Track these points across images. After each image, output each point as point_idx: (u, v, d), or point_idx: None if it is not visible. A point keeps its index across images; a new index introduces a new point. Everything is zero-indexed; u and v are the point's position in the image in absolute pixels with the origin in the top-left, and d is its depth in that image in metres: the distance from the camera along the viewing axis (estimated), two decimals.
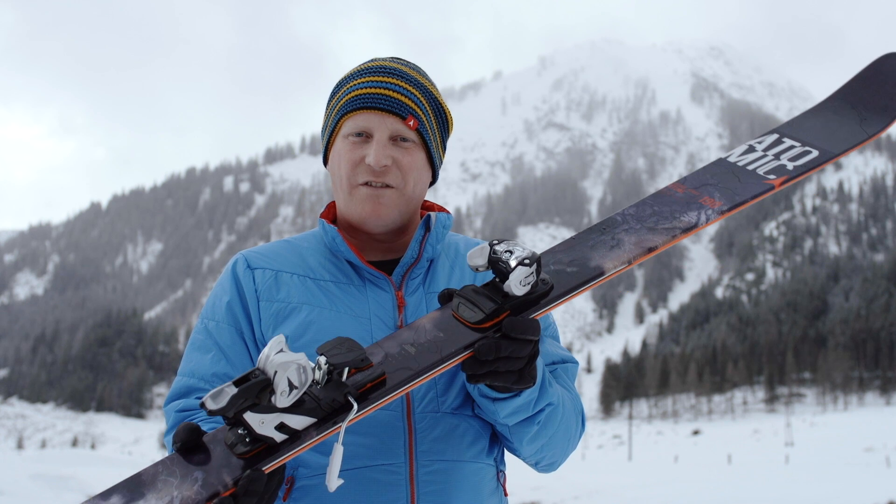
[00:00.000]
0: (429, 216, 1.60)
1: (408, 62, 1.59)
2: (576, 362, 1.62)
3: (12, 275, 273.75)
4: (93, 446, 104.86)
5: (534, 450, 1.49)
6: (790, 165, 1.52)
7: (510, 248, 1.25)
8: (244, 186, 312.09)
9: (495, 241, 1.27)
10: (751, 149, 1.59)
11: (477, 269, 1.27)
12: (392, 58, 1.60)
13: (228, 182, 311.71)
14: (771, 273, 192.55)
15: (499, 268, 1.25)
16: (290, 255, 1.57)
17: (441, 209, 1.67)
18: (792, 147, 1.57)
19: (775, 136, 1.61)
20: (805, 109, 1.68)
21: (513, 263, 1.22)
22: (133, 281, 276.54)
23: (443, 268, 1.60)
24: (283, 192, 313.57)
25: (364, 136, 1.51)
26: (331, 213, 1.64)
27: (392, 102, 1.50)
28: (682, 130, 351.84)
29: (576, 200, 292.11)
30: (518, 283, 1.23)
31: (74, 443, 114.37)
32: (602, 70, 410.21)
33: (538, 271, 1.25)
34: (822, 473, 24.01)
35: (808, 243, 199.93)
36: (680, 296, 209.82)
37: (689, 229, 1.41)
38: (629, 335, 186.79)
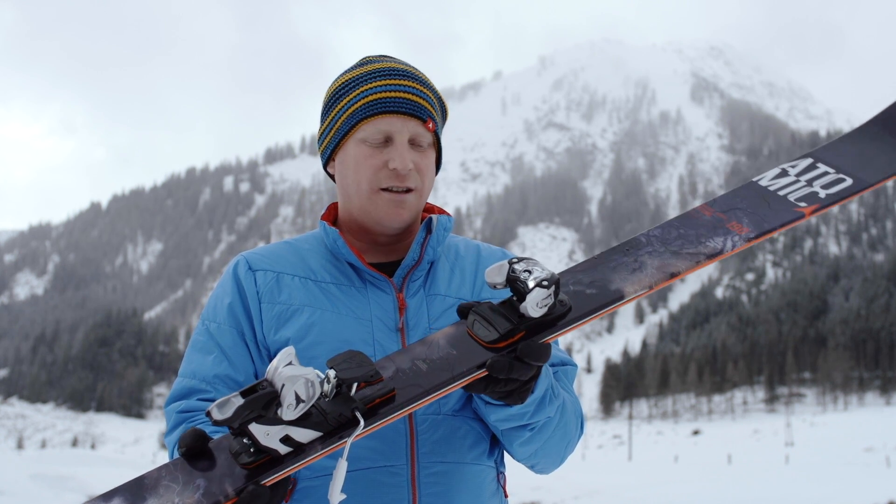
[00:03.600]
0: (430, 218, 1.62)
1: (407, 63, 1.60)
2: (575, 365, 1.61)
3: (12, 275, 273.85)
4: (93, 446, 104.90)
5: (527, 453, 1.49)
6: (822, 193, 1.48)
7: (529, 268, 1.22)
8: (244, 186, 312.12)
9: (515, 260, 1.25)
10: (783, 173, 1.55)
11: (494, 287, 1.25)
12: (387, 56, 1.60)
13: (228, 182, 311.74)
14: (771, 273, 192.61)
15: (517, 287, 1.22)
16: (292, 257, 1.57)
17: (441, 211, 1.68)
18: (826, 174, 1.52)
19: (809, 161, 1.57)
20: (843, 132, 1.64)
21: (531, 284, 1.20)
22: (133, 281, 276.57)
23: (443, 270, 1.60)
24: (283, 192, 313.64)
25: (384, 139, 1.51)
26: (331, 215, 1.64)
27: (414, 106, 1.51)
28: (682, 130, 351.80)
29: (576, 200, 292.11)
30: (535, 305, 1.21)
31: (74, 443, 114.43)
32: (602, 70, 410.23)
33: (556, 293, 1.22)
34: (822, 473, 24.00)
35: (808, 243, 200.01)
36: (680, 296, 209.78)
37: (714, 255, 1.37)
38: (629, 335, 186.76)
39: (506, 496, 1.58)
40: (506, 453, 1.59)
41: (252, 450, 1.13)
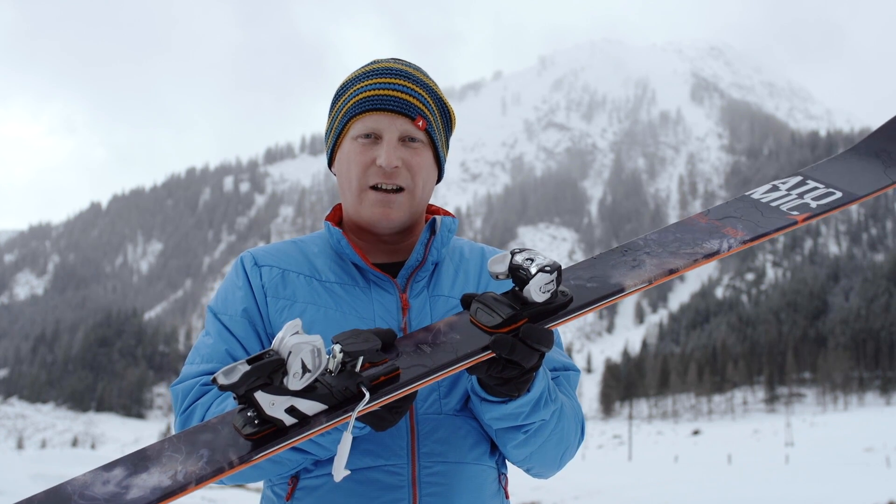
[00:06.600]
0: (434, 219, 1.62)
1: (410, 63, 1.60)
2: (577, 370, 1.61)
3: (12, 275, 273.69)
4: (93, 446, 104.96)
5: (522, 456, 1.49)
6: (813, 204, 1.54)
7: (531, 257, 1.25)
8: (244, 186, 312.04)
9: (516, 250, 1.27)
10: (774, 188, 1.61)
11: (497, 277, 1.27)
12: (393, 59, 1.60)
13: (228, 182, 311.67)
14: (771, 273, 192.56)
15: (519, 275, 1.25)
16: (297, 256, 1.58)
17: (446, 213, 1.68)
18: (815, 188, 1.58)
19: (799, 178, 1.63)
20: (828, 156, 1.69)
21: (533, 270, 1.23)
22: (133, 281, 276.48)
23: (447, 271, 1.60)
24: (283, 192, 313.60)
25: (373, 137, 1.52)
26: (336, 216, 1.65)
27: (401, 103, 1.51)
28: (682, 130, 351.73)
29: (576, 200, 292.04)
30: (537, 290, 1.22)
31: (74, 443, 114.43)
32: (602, 70, 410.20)
33: (558, 280, 1.25)
34: (822, 473, 24.00)
35: (808, 243, 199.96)
36: (680, 296, 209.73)
37: (711, 255, 1.42)
38: (629, 335, 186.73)
39: (507, 497, 1.58)
40: None
41: (256, 421, 1.13)
